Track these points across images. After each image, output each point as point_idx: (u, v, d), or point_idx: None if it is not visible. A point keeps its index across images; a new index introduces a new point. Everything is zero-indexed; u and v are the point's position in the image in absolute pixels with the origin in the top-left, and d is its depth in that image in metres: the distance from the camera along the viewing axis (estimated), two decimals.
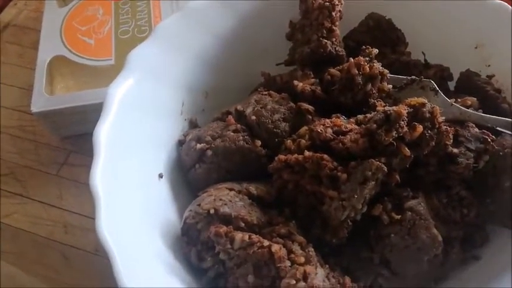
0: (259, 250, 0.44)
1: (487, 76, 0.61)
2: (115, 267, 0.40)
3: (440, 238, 0.49)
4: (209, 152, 0.56)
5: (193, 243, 0.49)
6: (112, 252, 0.41)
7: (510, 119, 0.53)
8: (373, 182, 0.47)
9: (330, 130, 0.51)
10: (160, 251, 0.49)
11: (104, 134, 0.50)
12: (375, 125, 0.48)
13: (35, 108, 0.71)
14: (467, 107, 0.55)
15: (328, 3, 0.61)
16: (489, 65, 0.61)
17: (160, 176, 0.56)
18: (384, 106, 0.52)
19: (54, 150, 0.77)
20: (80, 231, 0.68)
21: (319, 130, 0.51)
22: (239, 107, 0.60)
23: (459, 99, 0.57)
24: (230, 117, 0.59)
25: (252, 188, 0.53)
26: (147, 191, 0.53)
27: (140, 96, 0.56)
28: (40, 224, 0.70)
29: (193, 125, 0.64)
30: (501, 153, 0.51)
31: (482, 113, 0.55)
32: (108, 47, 0.80)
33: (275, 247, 0.45)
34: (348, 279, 0.46)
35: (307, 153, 0.50)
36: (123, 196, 0.48)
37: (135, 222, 0.48)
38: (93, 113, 0.53)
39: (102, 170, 0.47)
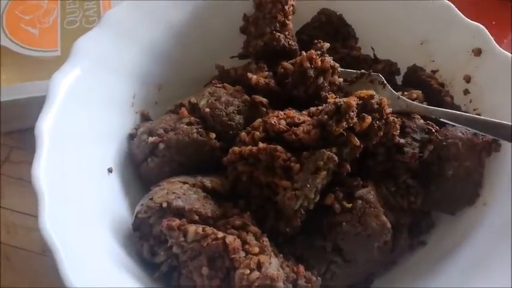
0: (213, 242, 0.44)
1: (432, 71, 0.64)
2: (60, 265, 0.38)
3: (389, 225, 0.51)
4: (161, 145, 0.55)
5: (145, 238, 0.48)
6: (57, 249, 0.39)
7: (452, 110, 0.55)
8: (324, 172, 0.48)
9: (283, 122, 0.52)
10: (111, 247, 0.47)
11: (47, 125, 0.47)
12: (326, 116, 0.49)
13: None
14: (413, 100, 0.58)
15: None
16: (433, 60, 0.64)
17: (110, 170, 0.54)
18: (335, 98, 0.53)
19: None
20: (23, 230, 0.65)
21: (272, 122, 0.52)
22: (193, 100, 0.59)
23: (406, 92, 0.59)
24: (183, 109, 0.58)
25: (206, 181, 0.52)
26: (96, 185, 0.51)
27: (87, 87, 0.53)
28: None
29: (145, 117, 0.62)
30: (444, 143, 0.54)
31: (427, 105, 0.57)
32: (53, 37, 0.76)
33: (229, 238, 0.44)
34: (301, 267, 0.47)
35: (261, 144, 0.50)
36: (69, 191, 0.46)
37: (82, 217, 0.46)
38: (37, 107, 0.50)
39: (45, 163, 0.44)
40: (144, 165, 0.56)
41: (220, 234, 0.45)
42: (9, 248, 0.63)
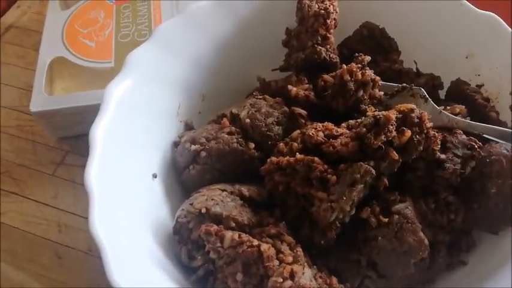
0: (249, 249, 0.45)
1: (477, 85, 0.62)
2: (106, 262, 0.41)
3: (426, 242, 0.50)
4: (203, 153, 0.57)
5: (184, 242, 0.50)
6: (104, 247, 0.42)
7: (496, 127, 0.54)
8: (361, 185, 0.48)
9: (321, 134, 0.53)
10: (152, 248, 0.50)
11: (100, 131, 0.51)
12: (364, 129, 0.49)
13: (34, 107, 0.72)
14: (456, 115, 0.57)
15: (323, 11, 0.63)
16: (478, 75, 0.63)
17: (154, 176, 0.57)
18: (374, 111, 0.53)
19: (51, 151, 0.78)
20: (73, 230, 0.69)
21: (310, 133, 0.53)
22: (234, 110, 0.61)
23: (448, 107, 0.58)
24: (225, 119, 0.60)
25: (244, 189, 0.54)
26: (141, 190, 0.54)
27: (137, 97, 0.57)
28: (34, 222, 0.70)
29: (188, 127, 0.65)
30: (488, 159, 0.52)
31: (470, 120, 0.56)
32: (108, 50, 0.82)
33: (264, 246, 0.45)
34: (334, 280, 0.47)
35: (298, 155, 0.51)
36: (117, 193, 0.49)
37: (128, 219, 0.49)
38: (91, 114, 0.54)
39: (97, 167, 0.48)
40: (186, 172, 0.58)
41: (256, 242, 0.46)
42: (60, 247, 0.68)
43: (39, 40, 0.83)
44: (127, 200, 0.50)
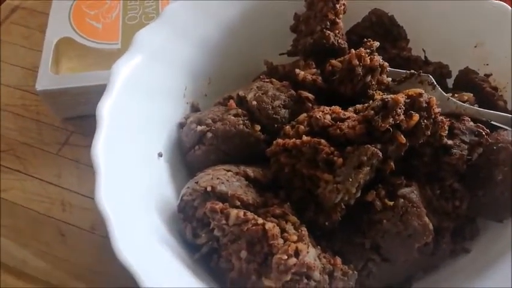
0: (253, 227, 0.45)
1: (485, 75, 0.62)
2: (112, 233, 0.41)
3: (431, 227, 0.50)
4: (209, 134, 0.57)
5: (189, 220, 0.50)
6: (109, 219, 0.42)
7: (504, 113, 0.54)
8: (368, 168, 0.48)
9: (328, 116, 0.53)
10: (156, 225, 0.50)
11: (107, 108, 0.51)
12: (372, 112, 0.49)
13: (39, 86, 0.72)
14: (464, 102, 0.57)
15: None
16: (487, 64, 0.62)
17: (160, 154, 0.57)
18: (382, 95, 0.53)
19: (56, 130, 0.78)
20: (77, 209, 0.69)
21: (317, 116, 0.53)
22: (241, 93, 0.61)
23: (456, 94, 0.58)
24: (231, 101, 0.60)
25: (249, 170, 0.54)
26: (146, 167, 0.54)
27: (144, 76, 0.57)
28: (38, 200, 0.70)
29: (194, 108, 0.65)
30: (495, 147, 0.52)
31: (477, 107, 0.56)
32: (115, 31, 0.81)
33: (269, 225, 0.45)
34: (338, 260, 0.47)
35: (304, 137, 0.51)
36: (122, 170, 0.49)
37: (133, 194, 0.49)
38: (96, 95, 0.53)
39: (104, 143, 0.48)
40: (192, 152, 0.58)
41: (260, 221, 0.46)
42: (64, 225, 0.68)
43: (45, 21, 0.82)
44: (132, 176, 0.50)
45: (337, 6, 0.62)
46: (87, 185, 0.69)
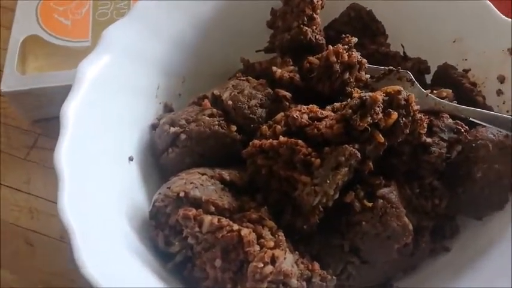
0: (228, 234, 0.44)
1: (464, 70, 0.61)
2: (75, 246, 0.39)
3: (411, 227, 0.49)
4: (183, 136, 0.55)
5: (161, 227, 0.48)
6: (73, 231, 0.40)
7: (484, 110, 0.53)
8: (346, 168, 0.47)
9: (305, 116, 0.51)
10: (126, 233, 0.48)
11: (72, 110, 0.48)
12: (350, 111, 0.47)
13: (5, 87, 0.68)
14: (442, 98, 0.56)
15: None
16: (466, 59, 0.61)
17: (131, 158, 0.55)
18: (360, 93, 0.51)
19: (24, 134, 0.75)
20: (45, 216, 0.66)
21: (295, 116, 0.51)
22: (216, 92, 0.59)
23: (435, 91, 0.57)
24: (206, 101, 0.58)
25: (225, 173, 0.52)
26: (116, 172, 0.51)
27: (113, 75, 0.54)
28: (6, 209, 0.67)
29: (168, 109, 0.63)
30: (474, 144, 0.52)
31: (456, 103, 0.55)
32: (85, 28, 0.78)
33: (244, 231, 0.44)
34: (316, 265, 0.46)
35: (281, 138, 0.49)
36: (89, 175, 0.46)
37: (100, 202, 0.46)
38: (65, 96, 0.50)
39: (68, 147, 0.45)
40: (165, 155, 0.56)
41: (236, 227, 0.44)
42: (32, 234, 0.65)
43: (11, 18, 0.78)
44: (100, 182, 0.48)
45: (315, 1, 0.60)
46: (55, 190, 0.66)
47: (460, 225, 0.56)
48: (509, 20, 0.57)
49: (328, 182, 0.46)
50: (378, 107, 0.47)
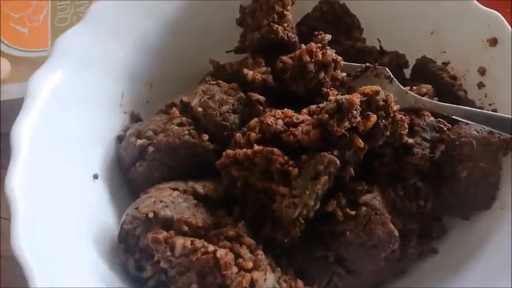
0: (203, 256, 0.41)
1: (443, 63, 0.59)
2: (32, 285, 0.35)
3: (396, 233, 0.47)
4: (150, 148, 0.51)
5: (131, 251, 0.45)
6: (31, 270, 0.36)
7: (465, 107, 0.51)
8: (325, 177, 0.44)
9: (280, 122, 0.48)
10: (94, 260, 0.44)
11: (25, 130, 0.44)
12: (326, 115, 0.44)
13: None
14: (423, 95, 0.53)
15: None
16: (445, 52, 0.59)
17: (96, 176, 0.51)
18: (337, 95, 0.48)
19: None
20: None
21: (269, 122, 0.48)
22: (184, 98, 0.55)
23: (414, 87, 0.55)
24: (174, 109, 0.54)
25: (199, 187, 0.49)
26: (79, 193, 0.47)
27: (70, 88, 0.50)
28: None
29: (135, 118, 0.59)
30: (457, 142, 0.50)
31: (438, 101, 0.52)
32: (44, 36, 0.72)
33: (220, 252, 0.41)
34: (300, 283, 0.43)
35: (256, 147, 0.46)
36: (48, 200, 0.42)
37: (62, 229, 0.42)
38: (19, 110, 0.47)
39: (21, 172, 0.41)
40: (133, 169, 0.52)
41: (211, 248, 0.41)
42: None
43: None
44: (62, 209, 0.44)
45: None
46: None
47: (447, 226, 0.54)
48: (489, 9, 0.55)
49: (307, 192, 0.43)
50: (356, 110, 0.44)
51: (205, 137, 0.52)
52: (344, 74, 0.55)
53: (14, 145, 0.43)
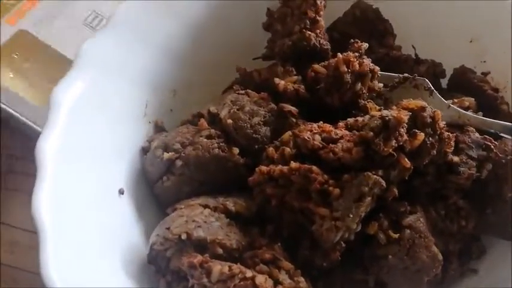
0: (242, 283, 0.39)
1: (482, 73, 0.56)
2: None
3: (440, 257, 0.44)
4: (179, 162, 0.49)
5: (162, 273, 0.42)
6: None
7: None
8: (369, 198, 0.42)
9: (318, 137, 0.45)
10: (123, 282, 0.42)
11: (50, 146, 0.41)
12: (371, 133, 0.42)
13: None
14: (465, 109, 0.51)
15: None
16: (484, 61, 0.57)
17: (121, 191, 0.48)
18: (379, 109, 0.46)
19: None
20: (26, 249, 0.59)
21: (306, 137, 0.45)
22: (212, 109, 0.52)
23: (455, 100, 0.52)
24: (202, 120, 0.52)
25: (230, 204, 0.46)
26: (106, 211, 0.45)
27: (93, 100, 0.47)
28: None
29: (159, 128, 0.56)
30: (503, 160, 0.47)
31: (483, 115, 0.50)
32: None
33: (259, 279, 0.39)
34: None
35: (293, 164, 0.44)
36: (75, 223, 0.40)
37: (91, 253, 0.40)
38: None
39: (49, 193, 0.39)
40: (159, 184, 0.50)
41: (249, 274, 0.39)
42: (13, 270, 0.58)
43: None
44: (88, 227, 0.42)
45: (318, 2, 0.54)
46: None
47: (486, 245, 0.51)
48: None
49: (351, 216, 0.41)
50: (403, 128, 0.41)
51: (236, 150, 0.50)
52: (381, 85, 0.52)
53: (40, 163, 0.40)
